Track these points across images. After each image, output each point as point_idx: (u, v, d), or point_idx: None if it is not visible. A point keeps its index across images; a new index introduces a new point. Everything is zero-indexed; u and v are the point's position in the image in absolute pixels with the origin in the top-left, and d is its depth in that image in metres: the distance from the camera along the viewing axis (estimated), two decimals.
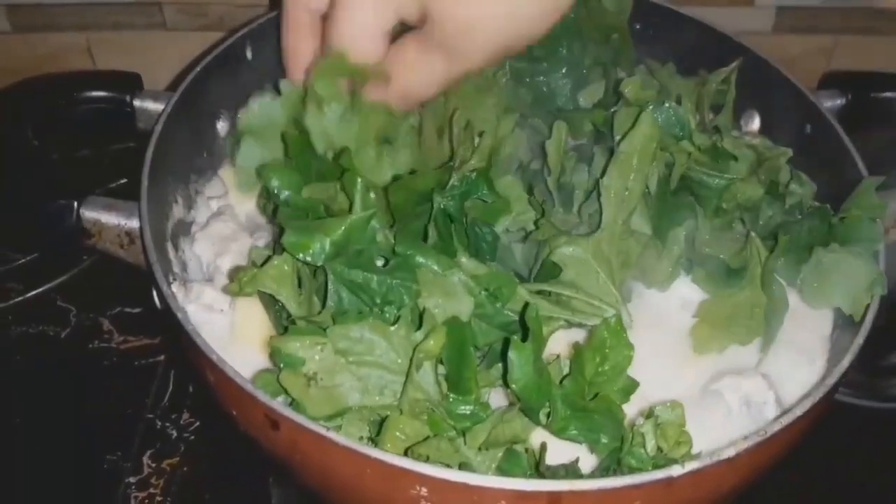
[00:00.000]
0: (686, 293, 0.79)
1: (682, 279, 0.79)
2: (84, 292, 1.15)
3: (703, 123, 0.86)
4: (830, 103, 0.91)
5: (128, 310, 1.14)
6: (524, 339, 0.61)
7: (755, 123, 0.96)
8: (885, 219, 0.75)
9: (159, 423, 1.02)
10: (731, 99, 0.92)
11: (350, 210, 0.70)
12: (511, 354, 0.60)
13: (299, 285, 0.70)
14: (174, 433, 1.02)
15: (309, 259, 0.65)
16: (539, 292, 0.71)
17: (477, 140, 0.79)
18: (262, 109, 0.79)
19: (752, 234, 0.76)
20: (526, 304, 0.64)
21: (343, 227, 0.67)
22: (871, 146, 0.82)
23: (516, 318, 0.67)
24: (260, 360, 0.73)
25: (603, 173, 0.74)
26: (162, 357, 1.09)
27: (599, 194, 0.73)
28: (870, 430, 1.00)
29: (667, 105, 0.76)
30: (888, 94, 0.91)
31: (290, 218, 0.69)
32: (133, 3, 1.30)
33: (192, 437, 1.01)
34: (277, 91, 0.80)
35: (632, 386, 0.66)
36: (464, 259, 0.69)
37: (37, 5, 1.29)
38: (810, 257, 0.77)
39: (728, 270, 0.77)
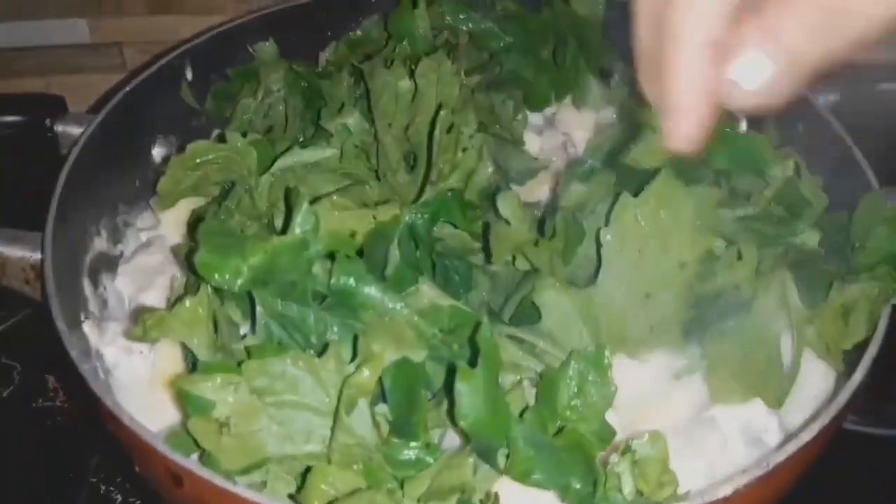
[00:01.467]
0: None
1: None
2: (29, 346, 1.07)
3: None
4: (823, 99, 0.82)
5: None
6: (474, 365, 0.51)
7: (742, 126, 0.87)
8: None
9: (103, 488, 0.94)
10: None
11: (284, 231, 0.60)
12: (458, 385, 0.50)
13: (215, 330, 0.60)
14: (118, 497, 0.93)
15: (222, 284, 0.56)
16: (511, 336, 0.61)
17: (460, 154, 0.71)
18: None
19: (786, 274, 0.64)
20: (477, 325, 0.53)
21: (266, 250, 0.57)
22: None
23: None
24: None
25: (606, 220, 0.61)
26: None
27: (599, 244, 0.62)
28: (876, 458, 0.90)
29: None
30: (883, 87, 0.84)
31: (210, 234, 0.59)
32: (92, 45, 1.25)
33: (137, 502, 0.92)
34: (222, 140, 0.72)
35: (609, 434, 0.55)
36: (425, 286, 0.59)
37: None
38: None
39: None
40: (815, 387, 0.63)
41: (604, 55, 0.90)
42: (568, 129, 0.87)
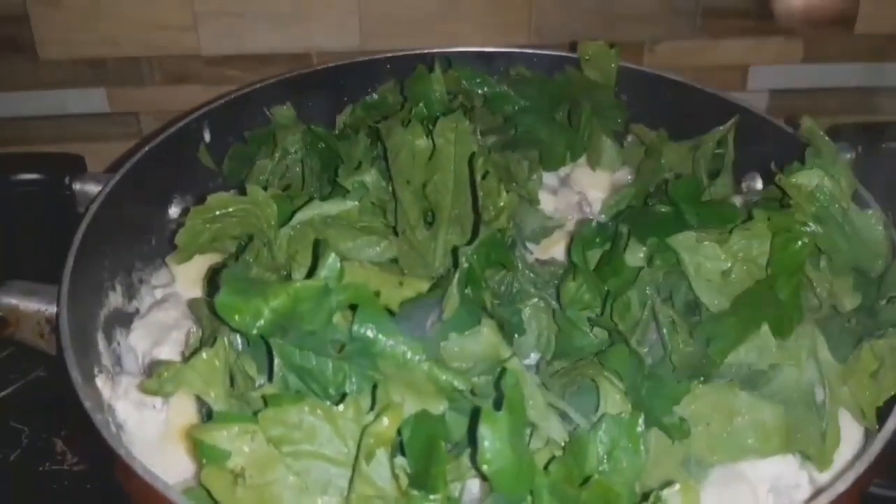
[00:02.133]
0: None
1: None
2: (37, 410, 1.06)
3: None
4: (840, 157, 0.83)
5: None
6: (498, 409, 0.50)
7: (758, 184, 0.88)
8: None
9: None
10: (731, 161, 0.85)
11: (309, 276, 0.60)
12: (482, 429, 0.48)
13: (231, 384, 0.60)
14: None
15: (242, 326, 0.55)
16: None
17: (503, 197, 0.71)
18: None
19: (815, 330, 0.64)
20: (503, 370, 0.52)
21: (287, 293, 0.56)
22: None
23: None
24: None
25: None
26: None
27: (658, 323, 0.63)
28: None
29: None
30: None
31: (232, 278, 0.59)
32: (109, 115, 1.27)
33: None
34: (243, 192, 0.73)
35: (636, 497, 0.53)
36: (486, 329, 0.60)
37: (12, 118, 1.26)
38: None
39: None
40: (847, 446, 0.62)
41: (617, 117, 0.91)
42: (582, 188, 0.88)
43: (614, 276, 0.66)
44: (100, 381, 0.67)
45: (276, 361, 0.59)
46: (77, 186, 0.82)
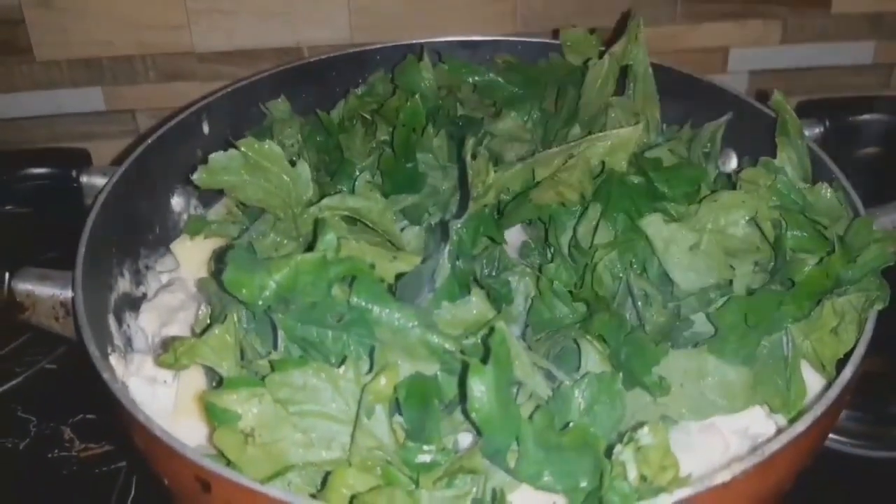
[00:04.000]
0: None
1: None
2: (44, 399, 1.09)
3: None
4: (809, 132, 0.87)
5: (89, 416, 1.07)
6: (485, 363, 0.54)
7: (732, 163, 0.91)
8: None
9: None
10: (717, 151, 0.89)
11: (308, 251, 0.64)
12: (470, 379, 0.52)
13: (242, 357, 0.63)
14: None
15: (248, 299, 0.59)
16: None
17: (492, 175, 0.75)
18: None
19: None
20: (492, 329, 0.56)
21: (290, 266, 0.60)
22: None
23: None
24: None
25: None
26: (123, 463, 1.01)
27: (633, 297, 0.67)
28: (880, 481, 0.91)
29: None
30: (865, 117, 0.88)
31: (238, 255, 0.63)
32: (106, 113, 1.30)
33: None
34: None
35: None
36: (475, 298, 0.64)
37: (10, 120, 1.28)
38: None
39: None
40: (811, 396, 0.66)
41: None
42: None
43: (587, 255, 0.70)
44: (113, 360, 0.71)
45: (280, 334, 0.63)
46: (84, 179, 0.85)
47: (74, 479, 1.00)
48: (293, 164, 0.74)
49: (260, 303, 0.59)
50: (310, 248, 0.63)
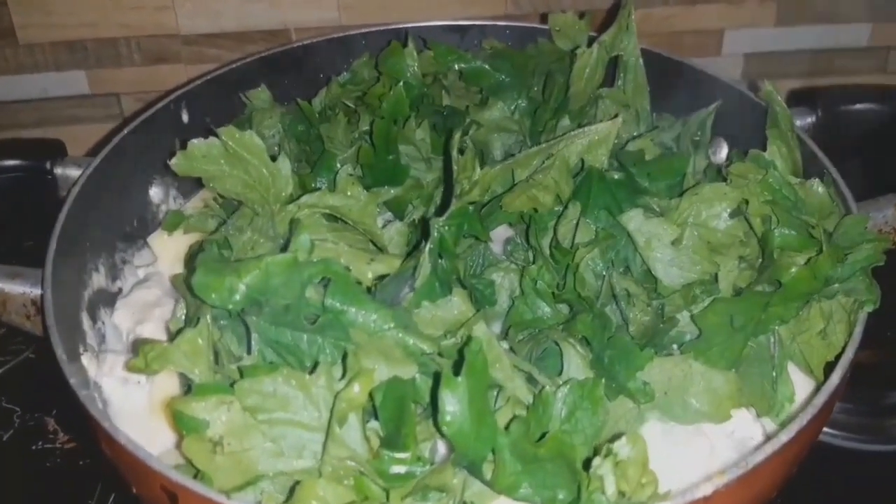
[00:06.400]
0: None
1: None
2: (28, 390, 1.07)
3: None
4: (801, 121, 0.85)
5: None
6: (458, 374, 0.52)
7: (723, 152, 0.89)
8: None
9: None
10: (707, 140, 0.87)
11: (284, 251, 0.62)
12: (441, 392, 0.51)
13: (216, 361, 0.62)
14: None
15: (218, 303, 0.57)
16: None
17: (478, 171, 0.73)
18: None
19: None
20: (469, 337, 0.55)
21: (259, 268, 0.58)
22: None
23: None
24: None
25: None
26: None
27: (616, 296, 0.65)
28: (874, 475, 0.90)
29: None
30: (858, 106, 0.86)
31: (207, 259, 0.61)
32: (90, 96, 1.28)
33: None
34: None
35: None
36: (457, 298, 0.62)
37: None
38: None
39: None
40: (799, 400, 0.64)
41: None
42: None
43: (568, 255, 0.68)
44: (85, 360, 0.69)
45: (254, 336, 0.61)
46: (58, 171, 0.84)
47: (58, 470, 0.99)
48: (274, 158, 0.72)
49: (230, 306, 0.57)
50: (286, 248, 0.61)
